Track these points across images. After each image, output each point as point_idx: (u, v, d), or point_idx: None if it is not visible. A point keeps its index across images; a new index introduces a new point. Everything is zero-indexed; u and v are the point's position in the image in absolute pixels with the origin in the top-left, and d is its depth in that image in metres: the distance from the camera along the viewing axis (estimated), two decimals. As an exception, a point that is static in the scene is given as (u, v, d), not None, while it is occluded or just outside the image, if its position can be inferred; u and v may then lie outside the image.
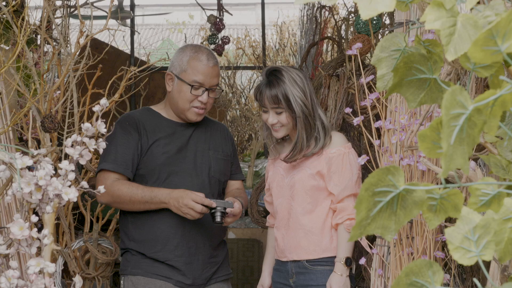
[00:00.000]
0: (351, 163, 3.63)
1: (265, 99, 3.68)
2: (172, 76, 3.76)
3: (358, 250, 3.65)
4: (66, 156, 4.09)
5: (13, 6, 3.82)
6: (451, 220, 3.15)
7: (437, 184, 2.94)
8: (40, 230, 1.97)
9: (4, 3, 4.16)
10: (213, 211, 3.55)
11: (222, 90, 4.01)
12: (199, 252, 3.72)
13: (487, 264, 2.56)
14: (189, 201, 3.49)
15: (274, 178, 3.85)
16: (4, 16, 4.12)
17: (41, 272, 1.92)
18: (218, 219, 3.55)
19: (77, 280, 2.02)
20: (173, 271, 3.67)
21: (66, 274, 4.70)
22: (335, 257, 3.62)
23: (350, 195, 3.60)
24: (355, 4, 4.97)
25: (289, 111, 3.65)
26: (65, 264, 4.19)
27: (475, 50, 1.14)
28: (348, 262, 3.56)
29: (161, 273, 3.66)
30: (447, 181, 2.67)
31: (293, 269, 3.71)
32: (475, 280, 1.04)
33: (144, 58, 8.92)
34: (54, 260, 3.94)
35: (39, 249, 1.99)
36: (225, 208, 3.56)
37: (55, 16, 4.58)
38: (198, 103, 3.75)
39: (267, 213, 4.08)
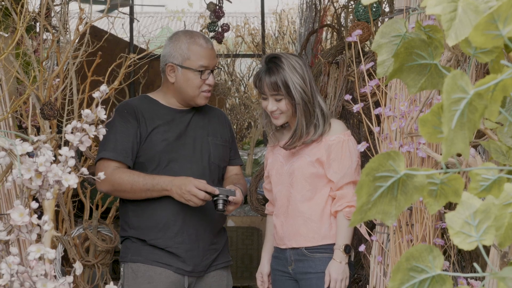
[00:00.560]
0: (350, 151, 3.62)
1: (265, 86, 3.67)
2: (174, 67, 3.73)
3: (357, 238, 3.65)
4: (66, 143, 4.09)
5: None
6: (450, 207, 3.16)
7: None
8: (39, 217, 1.97)
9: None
10: (215, 198, 3.55)
11: (221, 68, 4.01)
12: (200, 239, 3.72)
13: (487, 251, 2.56)
14: (192, 188, 3.49)
15: (273, 166, 3.85)
16: (3, 3, 4.11)
17: (41, 258, 1.92)
18: (220, 207, 3.55)
19: (77, 266, 2.02)
20: (173, 258, 3.67)
21: (66, 261, 4.71)
22: (334, 244, 3.62)
23: (350, 183, 3.60)
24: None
25: (288, 98, 3.64)
26: (64, 251, 4.20)
27: (476, 35, 1.14)
28: (347, 249, 3.57)
29: (161, 260, 3.66)
30: (447, 167, 2.67)
31: (292, 256, 3.71)
32: (476, 265, 1.04)
33: (143, 46, 8.90)
34: (53, 247, 3.95)
35: (39, 237, 1.99)
36: (227, 196, 3.57)
37: (54, 4, 4.57)
38: (206, 87, 3.76)
39: (266, 201, 4.07)
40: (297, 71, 3.64)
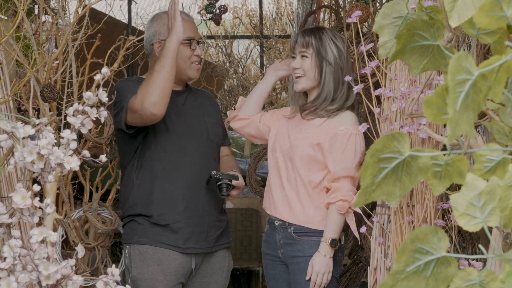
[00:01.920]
0: (356, 145, 3.56)
1: (297, 41, 3.70)
2: (162, 43, 3.76)
3: (357, 219, 3.64)
4: (65, 126, 4.09)
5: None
6: (450, 189, 3.16)
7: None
8: (40, 200, 1.97)
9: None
10: (219, 183, 3.59)
11: (204, 42, 4.01)
12: (206, 215, 3.73)
13: (490, 232, 2.56)
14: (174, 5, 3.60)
15: (280, 131, 3.80)
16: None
17: (43, 241, 1.92)
18: (224, 191, 3.59)
19: (79, 249, 2.03)
20: (181, 238, 3.66)
21: (66, 244, 4.72)
22: (318, 231, 3.60)
23: (347, 177, 3.54)
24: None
25: (316, 58, 3.64)
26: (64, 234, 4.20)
27: (480, 16, 1.14)
28: (333, 243, 3.52)
29: (168, 241, 3.66)
30: (451, 147, 2.67)
31: (281, 240, 3.69)
32: (480, 246, 1.05)
33: (141, 28, 8.88)
34: (54, 230, 3.95)
35: (40, 219, 1.99)
36: (230, 181, 3.59)
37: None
38: (195, 57, 3.80)
39: (265, 182, 4.05)
40: (336, 39, 3.66)
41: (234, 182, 3.62)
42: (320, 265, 3.53)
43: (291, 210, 3.66)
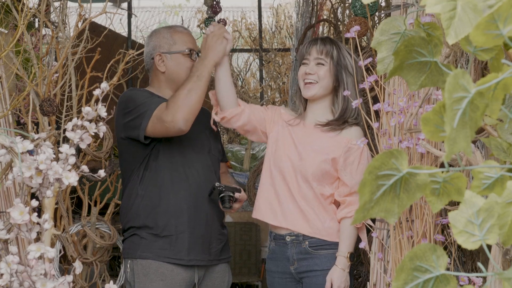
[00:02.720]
0: (368, 159, 3.54)
1: (314, 48, 3.66)
2: (162, 56, 3.80)
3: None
4: (64, 140, 4.09)
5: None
6: (449, 204, 3.15)
7: (437, 167, 2.94)
8: (39, 214, 1.97)
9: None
10: (222, 195, 3.58)
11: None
12: (209, 226, 3.72)
13: (488, 248, 2.56)
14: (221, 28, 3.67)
15: (282, 138, 3.72)
16: (4, 0, 4.11)
17: (41, 257, 1.92)
18: (226, 204, 3.59)
19: (77, 265, 2.02)
20: (184, 250, 3.65)
21: (64, 259, 4.70)
22: (334, 243, 3.56)
23: None
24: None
25: (334, 68, 3.62)
26: (62, 249, 4.18)
27: (477, 34, 1.14)
28: (351, 257, 3.51)
29: (171, 255, 3.64)
30: (449, 164, 2.67)
31: (294, 255, 3.61)
32: (480, 264, 1.05)
33: (141, 41, 8.90)
34: (52, 245, 3.94)
35: (38, 234, 1.99)
36: (233, 193, 3.58)
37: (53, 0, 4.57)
38: None
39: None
40: (350, 53, 3.63)
41: (236, 195, 3.62)
42: (340, 280, 3.49)
43: (308, 222, 3.58)
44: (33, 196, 3.34)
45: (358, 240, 3.54)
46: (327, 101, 3.70)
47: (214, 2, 7.35)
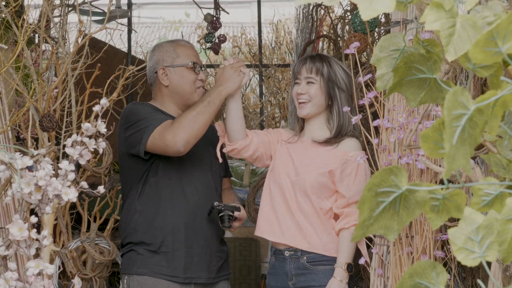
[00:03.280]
0: (366, 171, 3.55)
1: (304, 67, 3.67)
2: (166, 69, 3.80)
3: (357, 250, 3.61)
4: (64, 156, 4.08)
5: (14, 7, 3.82)
6: (450, 219, 3.14)
7: (436, 183, 2.94)
8: (38, 230, 1.96)
9: (4, 3, 4.15)
10: (221, 214, 3.57)
11: (204, 70, 4.03)
12: (207, 244, 3.70)
13: (488, 264, 2.56)
14: (239, 62, 3.69)
15: (280, 155, 3.75)
16: (4, 16, 4.12)
17: (40, 273, 1.91)
18: (226, 223, 3.57)
19: (76, 281, 2.02)
20: (180, 267, 3.63)
21: (63, 274, 4.69)
22: (332, 258, 3.56)
23: None
24: (351, 2, 4.98)
25: (325, 85, 3.63)
26: (61, 264, 4.17)
27: (476, 51, 1.14)
28: (349, 268, 3.50)
29: (167, 272, 3.63)
30: (448, 180, 2.67)
31: (292, 271, 3.61)
32: (479, 281, 1.04)
33: (141, 56, 8.91)
34: (51, 261, 3.93)
35: (37, 250, 1.99)
36: (233, 212, 3.57)
37: (54, 15, 4.57)
38: (200, 82, 3.82)
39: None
40: (343, 65, 3.66)
41: (236, 214, 3.60)
42: None
43: (306, 238, 3.59)
44: (32, 212, 3.34)
45: (358, 255, 3.52)
46: (322, 118, 3.72)
47: (214, 18, 7.35)
